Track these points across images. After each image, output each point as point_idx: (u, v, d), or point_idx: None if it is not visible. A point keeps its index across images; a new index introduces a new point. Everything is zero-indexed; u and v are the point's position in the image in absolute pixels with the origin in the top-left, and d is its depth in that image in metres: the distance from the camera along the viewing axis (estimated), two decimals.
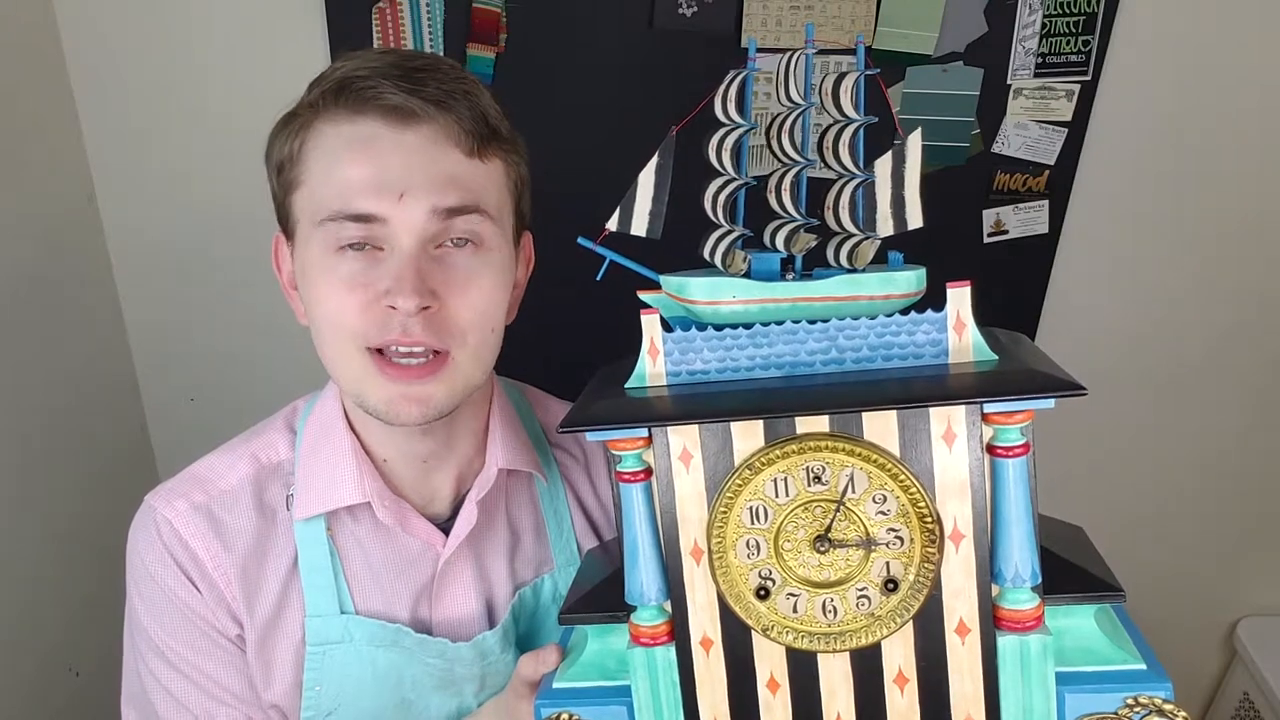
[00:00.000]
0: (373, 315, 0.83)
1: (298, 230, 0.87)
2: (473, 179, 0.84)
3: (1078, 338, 1.98)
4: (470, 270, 0.85)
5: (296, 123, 0.85)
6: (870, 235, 0.65)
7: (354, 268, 0.83)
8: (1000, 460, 0.62)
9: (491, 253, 0.87)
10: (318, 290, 0.85)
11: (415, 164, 0.81)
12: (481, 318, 0.86)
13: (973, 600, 0.64)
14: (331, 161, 0.83)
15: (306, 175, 0.85)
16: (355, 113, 0.82)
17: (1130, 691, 0.64)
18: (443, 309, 0.83)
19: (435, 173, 0.82)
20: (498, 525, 1.00)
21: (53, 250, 1.71)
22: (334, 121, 0.83)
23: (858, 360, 0.63)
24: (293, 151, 0.85)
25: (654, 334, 0.65)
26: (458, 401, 0.88)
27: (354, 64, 0.83)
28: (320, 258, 0.84)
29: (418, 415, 0.85)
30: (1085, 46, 1.76)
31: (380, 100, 0.81)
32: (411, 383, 0.84)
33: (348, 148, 0.82)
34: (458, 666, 0.96)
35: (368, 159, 0.81)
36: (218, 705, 0.95)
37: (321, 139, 0.84)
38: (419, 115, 0.82)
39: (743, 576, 0.65)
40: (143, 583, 0.94)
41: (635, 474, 0.65)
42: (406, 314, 0.81)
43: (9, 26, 1.61)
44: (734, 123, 0.67)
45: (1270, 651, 2.12)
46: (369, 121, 0.82)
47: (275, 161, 0.88)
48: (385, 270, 0.82)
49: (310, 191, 0.84)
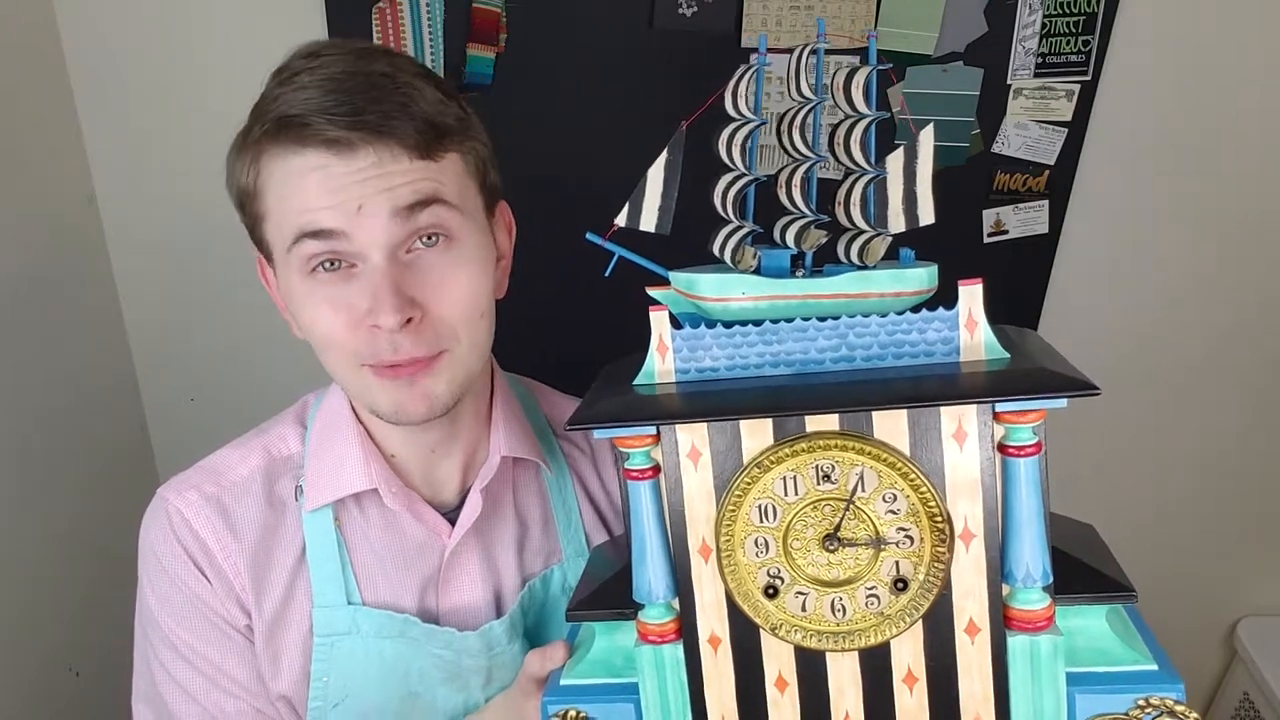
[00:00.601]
0: (360, 335, 0.83)
1: (274, 258, 0.87)
2: (427, 176, 0.83)
3: (1078, 338, 1.98)
4: (446, 268, 0.85)
5: (249, 151, 0.84)
6: (881, 231, 0.65)
7: (332, 290, 0.83)
8: (1012, 459, 0.61)
9: (463, 243, 0.86)
10: (305, 314, 0.86)
11: (368, 181, 0.80)
12: (468, 312, 0.86)
13: (983, 600, 0.63)
14: (286, 192, 0.82)
15: (267, 208, 0.85)
16: (300, 145, 0.81)
17: (1142, 692, 0.64)
18: (426, 316, 0.83)
19: (389, 182, 0.81)
20: (506, 516, 1.00)
21: (53, 250, 1.71)
22: (281, 156, 0.82)
23: (868, 358, 0.63)
24: (251, 184, 0.85)
25: (663, 330, 0.65)
26: (460, 393, 0.89)
27: (291, 94, 0.81)
28: (300, 282, 0.84)
29: (424, 412, 0.86)
30: (1085, 46, 1.76)
31: (319, 135, 0.80)
32: (414, 380, 0.85)
33: (299, 177, 0.81)
34: (465, 658, 0.96)
35: (318, 184, 0.80)
36: (226, 697, 0.95)
37: (272, 172, 0.83)
38: (358, 144, 0.80)
39: (751, 575, 0.65)
40: (154, 574, 0.95)
41: (643, 471, 0.65)
42: (391, 330, 0.81)
43: (9, 26, 1.61)
44: (745, 118, 0.67)
45: (1270, 651, 2.12)
46: (314, 153, 0.80)
47: (237, 191, 0.88)
48: (361, 287, 0.82)
49: (275, 222, 0.84)
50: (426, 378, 0.85)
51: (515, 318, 0.96)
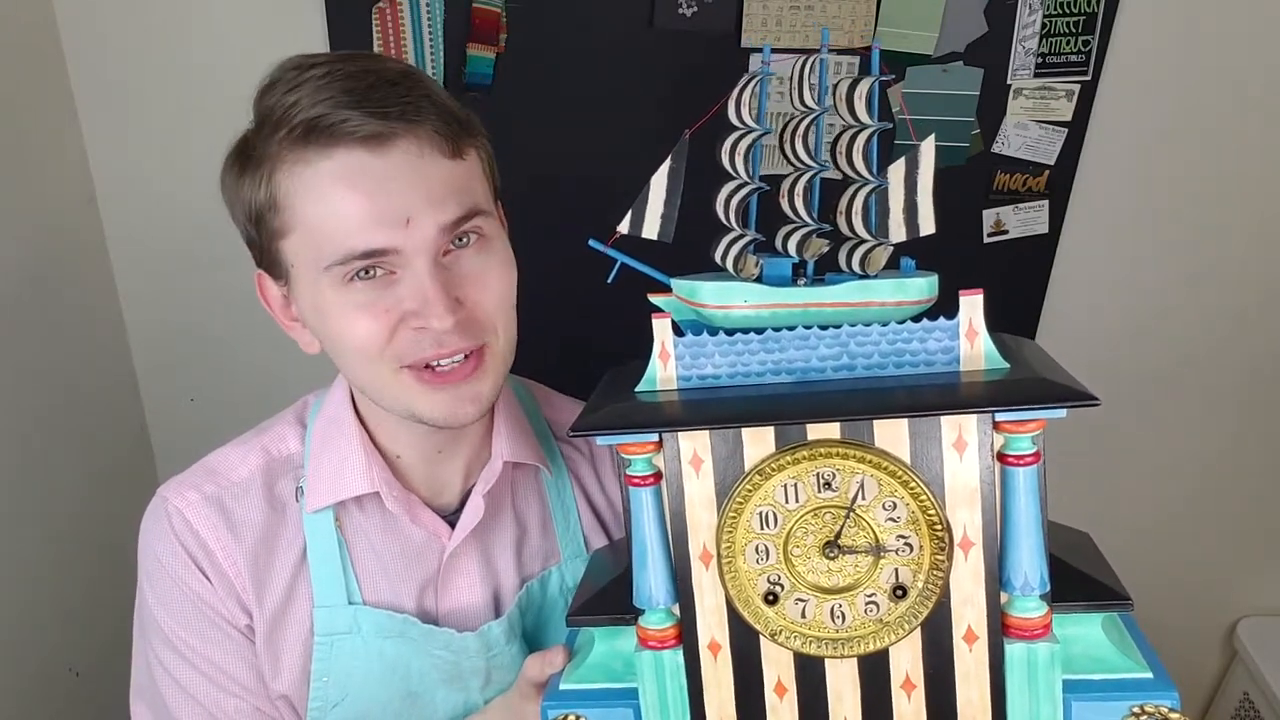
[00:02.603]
0: (402, 337, 0.84)
1: (297, 276, 0.86)
2: (461, 181, 0.84)
3: (1078, 338, 1.98)
4: (482, 265, 0.86)
5: (262, 167, 0.82)
6: (883, 241, 0.65)
7: (368, 296, 0.83)
8: (1011, 469, 0.62)
9: (494, 242, 0.88)
10: (335, 325, 0.85)
11: (409, 185, 0.80)
12: (503, 303, 0.88)
13: (981, 608, 0.64)
14: (322, 203, 0.80)
15: (295, 221, 0.82)
16: (328, 148, 0.79)
17: (1137, 700, 0.64)
18: (471, 312, 0.85)
19: (430, 188, 0.81)
20: (504, 518, 1.01)
21: (53, 250, 1.71)
22: (307, 162, 0.80)
23: (869, 367, 0.63)
24: (269, 197, 0.82)
25: (665, 338, 0.65)
26: (500, 388, 0.90)
27: (306, 98, 0.80)
28: (334, 294, 0.83)
29: (474, 413, 0.88)
30: (1085, 46, 1.76)
31: (353, 134, 0.79)
32: (460, 385, 0.86)
33: (335, 185, 0.79)
34: (464, 658, 0.96)
35: (362, 192, 0.79)
36: (226, 696, 0.95)
37: (300, 181, 0.81)
38: (395, 135, 0.80)
39: (751, 581, 0.65)
40: (154, 573, 0.95)
41: (645, 478, 0.65)
42: (442, 331, 0.82)
43: (9, 26, 1.61)
44: (747, 127, 0.67)
45: (1270, 651, 2.12)
46: (346, 152, 0.79)
47: (246, 208, 0.85)
48: (405, 293, 0.82)
49: (305, 237, 0.82)
50: (475, 382, 0.87)
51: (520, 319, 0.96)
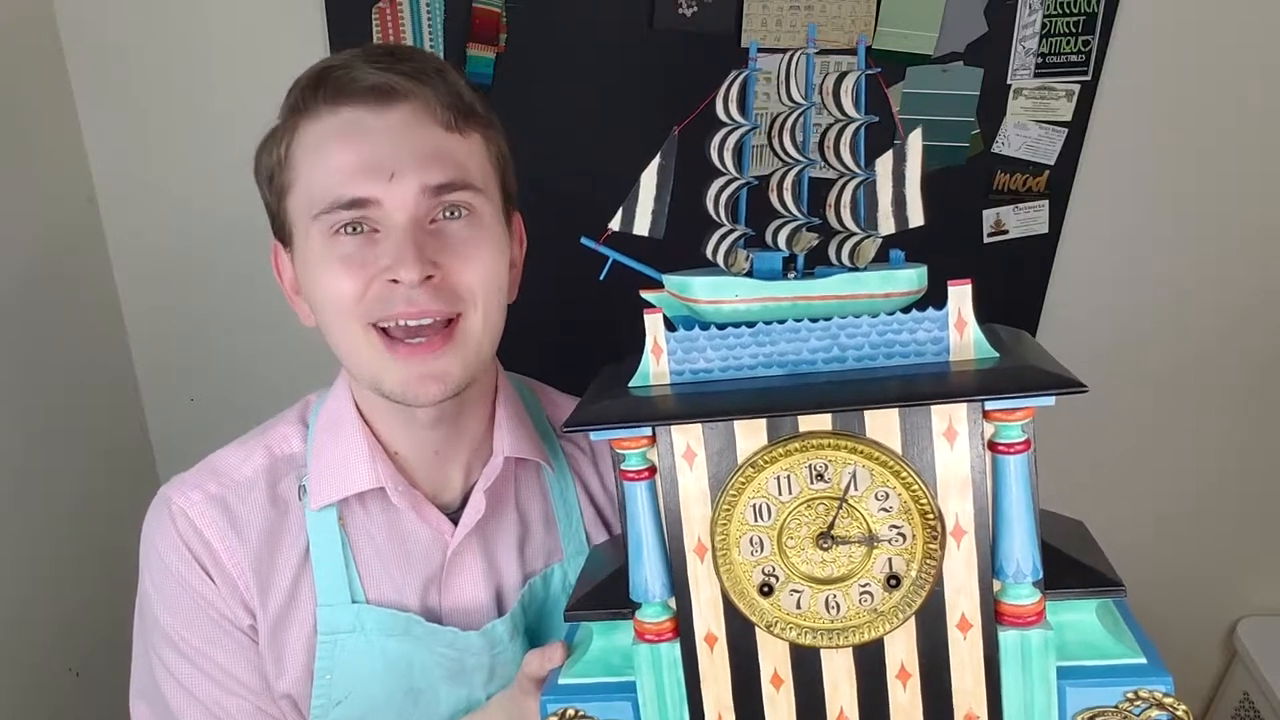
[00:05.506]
0: (374, 292, 0.85)
1: (295, 232, 0.89)
2: (456, 153, 0.87)
3: (1078, 338, 1.98)
4: (468, 238, 0.87)
5: (280, 131, 0.88)
6: (872, 233, 0.66)
7: (350, 250, 0.85)
8: (1001, 457, 0.62)
9: (484, 220, 0.89)
10: (318, 278, 0.87)
11: (401, 142, 0.84)
12: (486, 282, 0.88)
13: (974, 596, 0.64)
14: (318, 155, 0.85)
15: (295, 176, 0.87)
16: (335, 103, 0.85)
17: (1131, 686, 0.64)
18: (446, 277, 0.85)
19: (420, 149, 0.84)
20: (507, 515, 1.01)
21: (53, 250, 1.71)
22: (316, 117, 0.86)
23: (859, 358, 0.64)
24: (280, 157, 0.88)
25: (657, 333, 0.65)
26: (472, 375, 0.90)
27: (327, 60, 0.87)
28: (320, 247, 0.86)
29: (436, 393, 0.87)
30: (1085, 46, 1.76)
31: (358, 82, 0.84)
32: (426, 359, 0.86)
33: (333, 137, 0.85)
34: (467, 656, 0.97)
35: (353, 143, 0.84)
36: (228, 696, 0.95)
37: (306, 137, 0.86)
38: (398, 92, 0.84)
39: (746, 573, 0.65)
40: (156, 573, 0.95)
41: (639, 472, 0.66)
42: (410, 285, 0.83)
43: (9, 26, 1.61)
44: (735, 122, 0.67)
45: (1270, 651, 2.12)
46: (350, 108, 0.85)
47: (265, 172, 0.90)
48: (384, 249, 0.84)
49: (302, 189, 0.87)
50: (441, 357, 0.86)
51: (514, 317, 0.96)
